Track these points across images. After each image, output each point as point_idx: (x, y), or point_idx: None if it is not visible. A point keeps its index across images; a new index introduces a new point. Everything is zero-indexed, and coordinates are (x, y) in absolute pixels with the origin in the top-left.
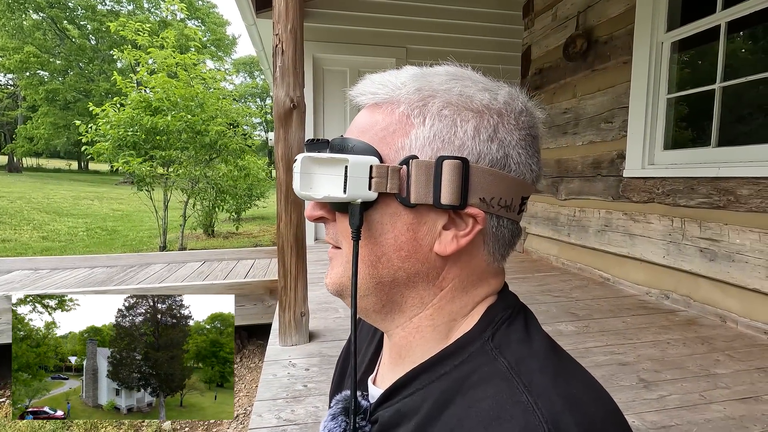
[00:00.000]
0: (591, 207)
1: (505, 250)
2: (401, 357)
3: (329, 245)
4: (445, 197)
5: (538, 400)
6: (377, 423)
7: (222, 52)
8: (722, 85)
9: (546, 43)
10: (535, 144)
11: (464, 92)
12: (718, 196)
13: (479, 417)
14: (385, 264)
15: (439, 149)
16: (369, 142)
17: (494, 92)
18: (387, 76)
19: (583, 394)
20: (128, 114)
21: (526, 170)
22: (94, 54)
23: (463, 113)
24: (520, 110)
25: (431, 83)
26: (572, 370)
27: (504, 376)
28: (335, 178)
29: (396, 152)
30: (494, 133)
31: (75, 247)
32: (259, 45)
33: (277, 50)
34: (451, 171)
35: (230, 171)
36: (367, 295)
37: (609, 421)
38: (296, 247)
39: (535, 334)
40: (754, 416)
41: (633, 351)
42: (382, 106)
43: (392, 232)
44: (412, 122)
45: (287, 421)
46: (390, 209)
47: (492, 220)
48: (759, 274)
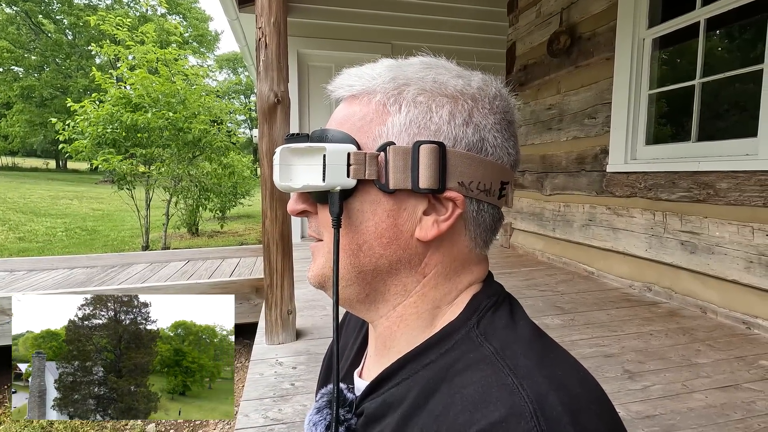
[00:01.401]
0: (575, 202)
1: (487, 236)
2: (386, 347)
3: (312, 241)
4: (424, 181)
5: (524, 382)
6: (363, 415)
7: (205, 48)
8: (702, 81)
9: (530, 40)
10: (511, 128)
11: (438, 79)
12: (698, 189)
13: (465, 402)
14: (367, 252)
15: (416, 135)
16: (347, 132)
17: (468, 78)
18: (363, 68)
19: (568, 376)
20: (107, 111)
21: (503, 153)
22: (71, 49)
23: (438, 99)
24: (494, 95)
25: (406, 72)
26: (557, 353)
27: (489, 361)
28: (314, 167)
29: (374, 140)
30: (469, 117)
31: (53, 248)
32: (243, 40)
33: (260, 44)
34: (428, 155)
35: (214, 169)
36: (349, 285)
37: (594, 401)
38: (282, 244)
39: (521, 320)
40: (734, 404)
41: (617, 343)
42: (359, 97)
43: (372, 220)
44: (389, 110)
45: (274, 420)
46: (370, 196)
47: (472, 205)
48: (737, 265)
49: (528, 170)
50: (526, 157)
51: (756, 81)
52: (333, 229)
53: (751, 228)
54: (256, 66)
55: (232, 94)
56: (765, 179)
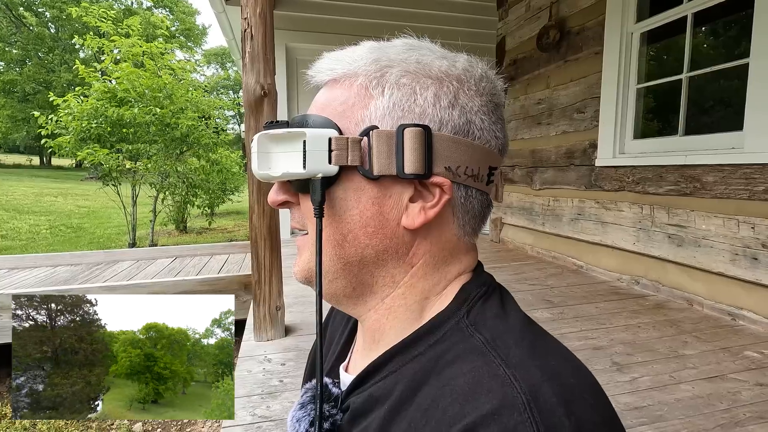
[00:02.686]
0: (564, 196)
1: (475, 223)
2: (375, 341)
3: (299, 236)
4: (409, 166)
5: (516, 372)
6: (348, 410)
7: (192, 42)
8: (689, 75)
9: (520, 34)
10: (498, 111)
11: (422, 60)
12: (685, 183)
13: (455, 394)
14: (352, 242)
15: (400, 118)
16: (329, 117)
17: (452, 60)
18: (344, 51)
19: (561, 366)
20: (92, 105)
21: (490, 137)
22: (54, 43)
23: (422, 81)
24: (480, 76)
25: (388, 54)
26: (549, 342)
27: (480, 351)
28: (294, 155)
29: (356, 125)
30: (455, 99)
31: (37, 246)
32: (230, 34)
33: (245, 35)
34: (413, 139)
35: (202, 165)
36: (335, 278)
37: (587, 391)
38: (270, 240)
39: (511, 310)
40: (720, 394)
41: (606, 335)
42: (340, 81)
43: (357, 208)
44: (371, 93)
45: (262, 417)
46: (353, 184)
47: (460, 191)
48: (723, 258)
49: (518, 165)
50: (515, 152)
51: (741, 76)
52: (315, 219)
53: (736, 221)
54: (242, 58)
55: (220, 90)
56: (750, 172)
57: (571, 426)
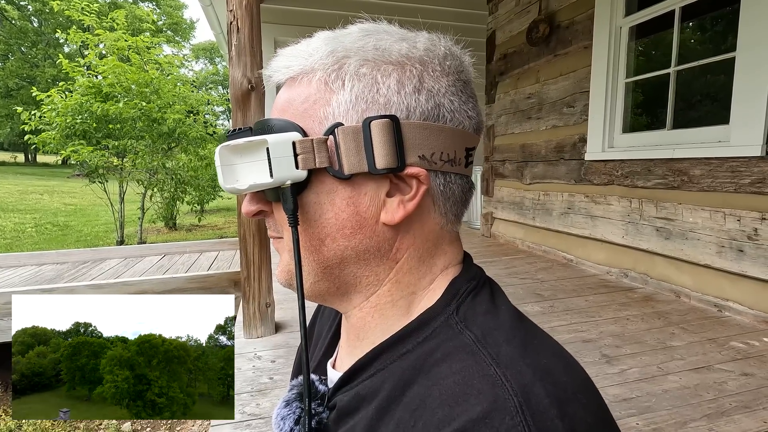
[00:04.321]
0: (554, 190)
1: (458, 210)
2: (359, 339)
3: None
4: (380, 161)
5: (507, 372)
6: (335, 408)
7: (180, 37)
8: (677, 69)
9: (510, 28)
10: (467, 89)
11: (380, 46)
12: (673, 176)
13: (444, 395)
14: (330, 245)
15: (365, 111)
16: (291, 118)
17: (412, 41)
18: (299, 46)
19: (553, 364)
20: (76, 100)
21: (462, 118)
22: (37, 37)
23: (383, 68)
24: (444, 54)
25: (344, 43)
26: (541, 339)
27: (470, 350)
28: (259, 164)
29: (320, 124)
30: (420, 83)
31: (23, 245)
32: (218, 27)
33: (232, 28)
34: (381, 131)
35: (190, 161)
36: (318, 281)
37: (581, 390)
38: (259, 236)
39: (502, 305)
40: (707, 384)
41: (595, 328)
42: (297, 78)
43: (332, 211)
44: (331, 88)
45: (252, 415)
46: (325, 186)
47: (438, 178)
48: (710, 250)
49: (508, 159)
50: (506, 147)
51: (728, 70)
52: (290, 228)
53: (723, 213)
54: (229, 51)
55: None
56: (736, 165)
57: (565, 428)
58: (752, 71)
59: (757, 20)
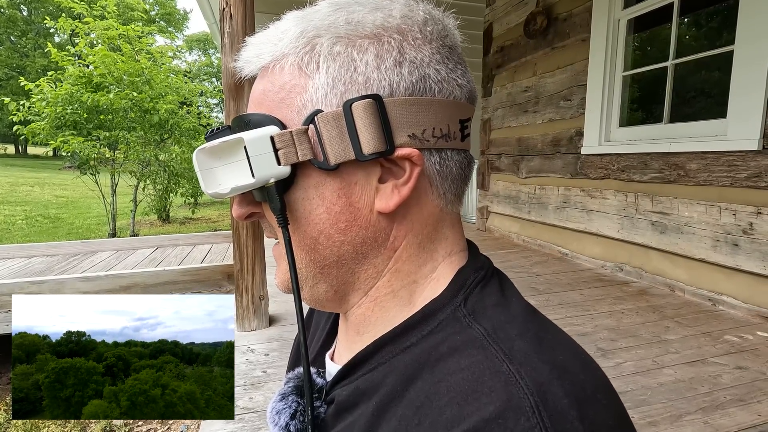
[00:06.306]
0: (550, 184)
1: (457, 188)
2: (359, 333)
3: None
4: (367, 146)
5: (521, 369)
6: (333, 403)
7: (173, 27)
8: (674, 62)
9: (507, 21)
10: (454, 55)
11: (352, 19)
12: (669, 171)
13: (452, 392)
14: (325, 243)
15: (344, 93)
16: (267, 111)
17: (387, 9)
18: (267, 31)
19: (570, 361)
20: (66, 90)
21: (452, 87)
22: (27, 26)
23: (358, 43)
24: (424, 20)
25: (313, 21)
26: (555, 334)
27: (480, 344)
28: (239, 164)
29: (298, 113)
30: (400, 55)
31: (12, 237)
32: (211, 17)
33: (224, 14)
34: (364, 114)
35: (184, 152)
36: (315, 284)
37: (600, 389)
38: (252, 228)
39: (513, 297)
40: (701, 378)
41: (591, 322)
42: (270, 67)
43: (323, 206)
44: (306, 72)
45: (245, 409)
46: (312, 180)
47: (432, 157)
48: (705, 244)
49: (504, 153)
50: (502, 140)
51: (725, 65)
52: (281, 229)
53: (718, 208)
54: (221, 39)
55: (203, 77)
56: (733, 159)
57: (585, 431)
58: (750, 65)
59: (756, 14)
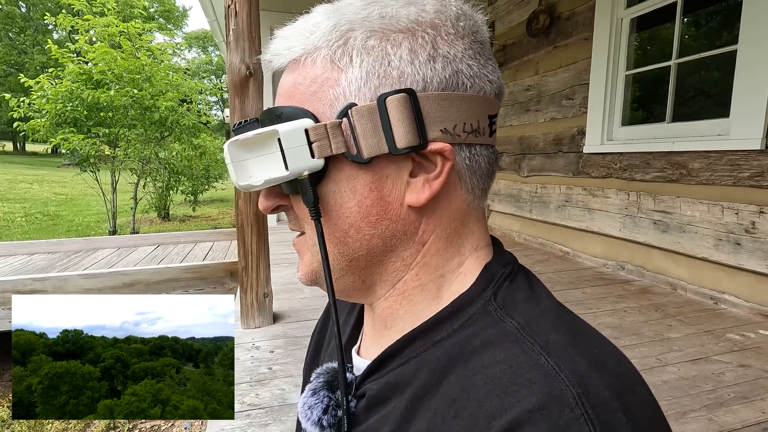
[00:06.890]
0: (552, 183)
1: (484, 183)
2: (387, 327)
3: (294, 232)
4: (401, 140)
5: (560, 362)
6: (364, 398)
7: (172, 24)
8: (677, 62)
9: (509, 19)
10: (484, 51)
11: (386, 13)
12: (671, 170)
13: (489, 385)
14: (355, 236)
15: (378, 87)
16: (298, 104)
17: (420, 4)
18: (297, 24)
19: (605, 355)
20: (66, 87)
21: (483, 83)
22: (25, 23)
23: (392, 37)
24: (457, 15)
25: (346, 15)
26: (587, 328)
27: (515, 338)
28: (272, 157)
29: (331, 106)
30: (434, 50)
31: (12, 234)
32: (212, 15)
33: (229, 11)
34: (398, 108)
35: (184, 150)
36: (341, 276)
37: (636, 382)
38: (257, 225)
39: (541, 292)
40: (705, 375)
41: (593, 320)
42: (301, 60)
43: (354, 199)
44: (339, 66)
45: (251, 405)
46: (344, 173)
47: (463, 151)
48: (707, 243)
49: (506, 152)
50: (503, 139)
51: (729, 64)
52: (313, 221)
53: (721, 207)
54: (226, 36)
55: (202, 74)
56: (735, 159)
57: (629, 423)
58: (754, 65)
59: (760, 14)
